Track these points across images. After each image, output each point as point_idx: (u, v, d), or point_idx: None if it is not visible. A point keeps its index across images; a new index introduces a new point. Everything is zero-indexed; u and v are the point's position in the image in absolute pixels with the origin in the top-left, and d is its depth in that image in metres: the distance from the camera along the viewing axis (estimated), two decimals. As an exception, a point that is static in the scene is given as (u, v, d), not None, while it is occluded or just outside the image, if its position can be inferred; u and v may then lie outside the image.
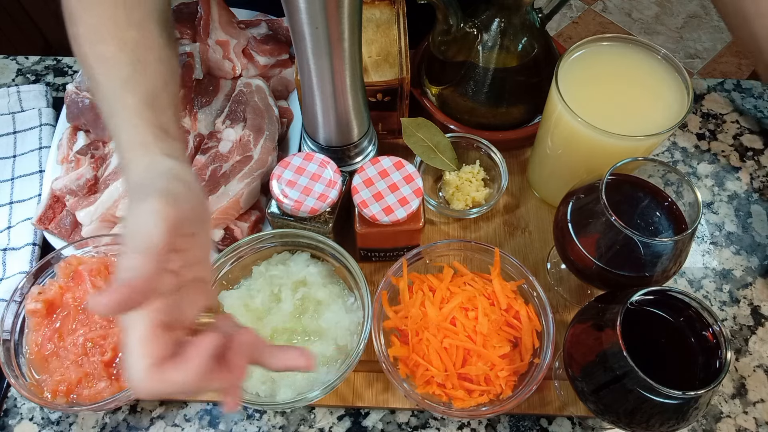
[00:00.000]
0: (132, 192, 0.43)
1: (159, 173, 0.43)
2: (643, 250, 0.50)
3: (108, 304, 0.35)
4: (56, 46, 1.69)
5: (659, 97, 0.59)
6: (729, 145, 0.79)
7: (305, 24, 0.49)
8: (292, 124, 0.75)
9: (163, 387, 0.38)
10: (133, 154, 0.45)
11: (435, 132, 0.69)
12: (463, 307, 0.58)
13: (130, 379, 0.38)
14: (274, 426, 0.61)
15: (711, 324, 0.47)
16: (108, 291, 0.35)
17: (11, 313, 0.59)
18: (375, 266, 0.68)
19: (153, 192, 0.40)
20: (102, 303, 0.35)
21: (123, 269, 0.37)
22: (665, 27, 2.10)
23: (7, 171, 0.74)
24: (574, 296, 0.67)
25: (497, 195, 0.68)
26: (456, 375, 0.56)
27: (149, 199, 0.40)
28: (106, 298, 0.35)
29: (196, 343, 0.40)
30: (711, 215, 0.74)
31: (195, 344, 0.39)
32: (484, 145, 0.69)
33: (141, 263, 0.37)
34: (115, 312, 0.36)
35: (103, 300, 0.35)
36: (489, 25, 0.66)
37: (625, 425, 0.49)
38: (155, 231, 0.38)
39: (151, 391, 0.38)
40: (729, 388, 0.63)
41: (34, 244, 0.68)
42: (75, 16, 0.53)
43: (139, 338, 0.38)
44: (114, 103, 0.49)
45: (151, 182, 0.42)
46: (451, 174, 0.70)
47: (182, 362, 0.38)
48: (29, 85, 0.81)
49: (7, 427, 0.61)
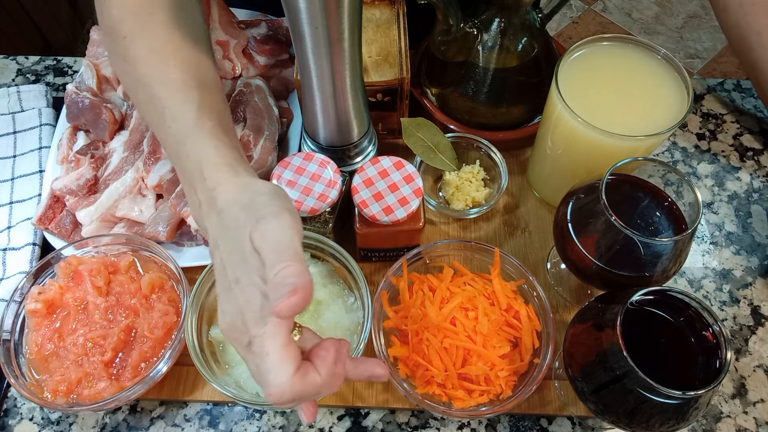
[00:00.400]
0: (235, 210, 0.44)
1: (265, 192, 0.44)
2: (643, 250, 0.50)
3: (299, 304, 0.38)
4: (56, 46, 1.69)
5: (659, 97, 0.59)
6: (729, 145, 0.79)
7: (305, 24, 0.49)
8: (292, 124, 0.75)
9: (305, 389, 0.40)
10: (223, 176, 0.46)
11: (435, 132, 0.69)
12: (463, 307, 0.58)
13: (273, 385, 0.40)
14: (274, 426, 0.61)
15: (711, 324, 0.47)
16: (292, 293, 0.38)
17: (11, 313, 0.59)
18: (375, 266, 0.68)
19: (280, 210, 0.42)
20: (292, 304, 0.37)
21: (292, 276, 0.39)
22: (665, 27, 2.10)
23: (7, 171, 0.74)
24: (574, 296, 0.67)
25: (497, 195, 0.68)
26: (456, 375, 0.56)
27: (283, 216, 0.42)
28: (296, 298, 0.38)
29: (324, 346, 0.43)
30: (711, 215, 0.74)
31: (323, 347, 0.43)
32: (484, 145, 0.69)
33: (302, 269, 0.39)
34: (297, 312, 0.38)
35: (293, 300, 0.37)
36: (489, 25, 0.66)
37: (625, 425, 0.49)
38: (296, 243, 0.41)
39: (296, 395, 0.40)
40: (729, 388, 0.63)
41: (34, 244, 0.68)
42: (132, 37, 0.53)
43: (282, 345, 0.40)
44: (188, 125, 0.49)
45: (266, 201, 0.43)
46: (451, 174, 0.70)
47: (320, 365, 0.42)
48: (29, 85, 0.81)
49: (7, 427, 0.61)
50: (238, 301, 0.41)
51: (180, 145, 0.49)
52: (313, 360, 0.42)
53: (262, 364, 0.40)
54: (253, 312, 0.40)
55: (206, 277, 0.59)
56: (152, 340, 0.58)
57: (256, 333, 0.40)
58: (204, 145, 0.48)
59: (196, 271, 0.61)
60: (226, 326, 0.43)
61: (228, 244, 0.43)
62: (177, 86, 0.51)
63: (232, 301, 0.42)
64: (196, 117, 0.49)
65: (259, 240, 0.41)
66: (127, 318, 0.59)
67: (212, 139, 0.48)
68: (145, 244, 0.63)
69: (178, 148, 0.49)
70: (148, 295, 0.61)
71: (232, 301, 0.42)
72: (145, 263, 0.64)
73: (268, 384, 0.40)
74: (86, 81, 0.74)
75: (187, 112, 0.49)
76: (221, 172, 0.46)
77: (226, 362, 0.59)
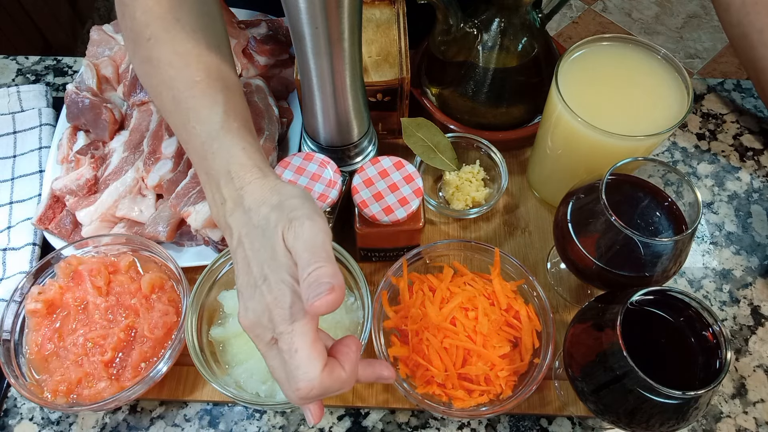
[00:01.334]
0: (264, 210, 0.45)
1: (296, 195, 0.45)
2: (643, 250, 0.50)
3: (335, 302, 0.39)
4: (56, 46, 1.69)
5: (659, 97, 0.59)
6: (729, 145, 0.79)
7: (305, 24, 0.49)
8: (292, 124, 0.75)
9: (332, 384, 0.41)
10: (251, 176, 0.47)
11: (435, 132, 0.69)
12: (463, 307, 0.58)
13: (303, 380, 0.40)
14: (274, 426, 0.61)
15: (711, 324, 0.47)
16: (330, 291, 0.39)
17: (11, 313, 0.59)
18: (375, 266, 0.68)
19: (312, 212, 0.43)
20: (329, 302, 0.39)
21: (327, 276, 0.40)
22: (665, 27, 2.10)
23: (7, 171, 0.74)
24: (574, 296, 0.67)
25: (497, 195, 0.68)
26: (456, 375, 0.56)
27: (315, 218, 0.43)
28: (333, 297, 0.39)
29: (346, 343, 0.44)
30: (711, 215, 0.74)
31: (345, 344, 0.44)
32: (484, 145, 0.69)
33: (335, 270, 0.41)
34: (333, 310, 0.39)
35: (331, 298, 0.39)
36: (489, 25, 0.66)
37: (625, 425, 0.49)
38: (328, 245, 0.42)
39: (324, 390, 0.41)
40: (729, 388, 0.63)
41: (34, 244, 0.68)
42: (156, 40, 0.54)
43: (311, 342, 0.41)
44: (215, 127, 0.50)
45: (298, 204, 0.44)
46: (451, 174, 0.70)
47: (344, 360, 0.43)
48: (29, 85, 0.81)
49: (7, 427, 0.61)
50: (265, 298, 0.42)
51: (206, 145, 0.50)
52: (338, 356, 0.43)
53: (291, 360, 0.41)
54: (281, 309, 0.41)
55: (206, 277, 0.59)
56: (152, 340, 0.58)
57: (284, 330, 0.41)
58: (232, 146, 0.49)
59: (196, 271, 0.61)
60: (248, 323, 0.43)
61: (255, 242, 0.44)
62: (202, 89, 0.52)
63: (258, 298, 0.42)
64: (222, 119, 0.51)
65: (292, 240, 0.42)
66: (127, 318, 0.59)
67: (240, 141, 0.50)
68: (145, 244, 0.63)
69: (204, 148, 0.50)
70: (148, 295, 0.61)
71: (259, 298, 0.42)
72: (145, 263, 0.64)
73: (297, 379, 0.41)
74: (86, 81, 0.74)
75: (213, 115, 0.51)
76: (250, 173, 0.48)
77: (226, 362, 0.59)
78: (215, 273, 0.60)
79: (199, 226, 0.63)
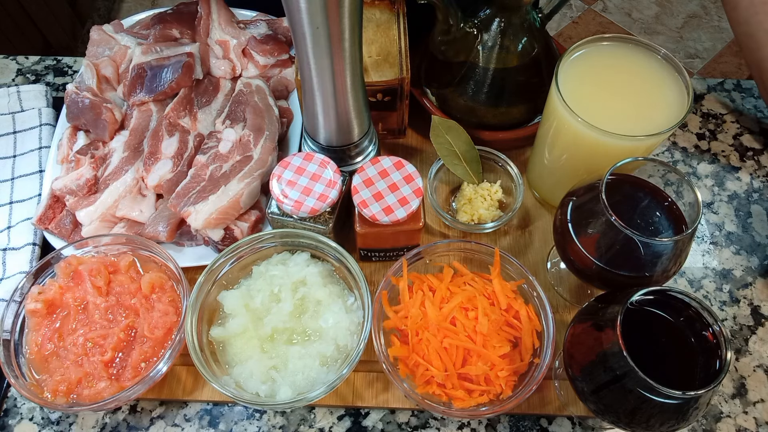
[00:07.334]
0: None
1: None
2: (643, 250, 0.50)
3: None
4: (56, 46, 1.69)
5: (659, 97, 0.59)
6: (729, 145, 0.79)
7: (305, 24, 0.49)
8: (292, 124, 0.75)
9: None
10: None
11: (465, 140, 0.68)
12: (463, 307, 0.58)
13: None
14: (274, 426, 0.61)
15: (711, 324, 0.47)
16: None
17: (11, 313, 0.59)
18: (375, 266, 0.68)
19: None
20: None
21: None
22: (665, 27, 2.10)
23: (7, 171, 0.74)
24: (574, 296, 0.67)
25: (506, 217, 0.67)
26: (456, 375, 0.56)
27: None
28: None
29: None
30: (711, 215, 0.74)
31: None
32: (510, 166, 0.68)
33: None
34: None
35: None
36: (489, 25, 0.66)
37: (625, 425, 0.49)
38: None
39: None
40: (729, 388, 0.63)
41: (34, 244, 0.68)
42: None
43: None
44: None
45: None
46: (470, 186, 0.70)
47: None
48: (29, 85, 0.81)
49: (7, 427, 0.61)
50: None
51: None
52: None
53: None
54: None
55: (206, 277, 0.59)
56: (152, 340, 0.58)
57: None
58: None
59: (196, 271, 0.61)
60: None
61: None
62: None
63: None
64: None
65: None
66: (127, 318, 0.59)
67: None
68: (145, 244, 0.63)
69: None
70: (148, 295, 0.61)
71: None
72: (145, 263, 0.64)
73: None
74: (86, 81, 0.74)
75: None
76: None
77: (226, 362, 0.59)
78: (215, 273, 0.60)
79: (199, 226, 0.63)
